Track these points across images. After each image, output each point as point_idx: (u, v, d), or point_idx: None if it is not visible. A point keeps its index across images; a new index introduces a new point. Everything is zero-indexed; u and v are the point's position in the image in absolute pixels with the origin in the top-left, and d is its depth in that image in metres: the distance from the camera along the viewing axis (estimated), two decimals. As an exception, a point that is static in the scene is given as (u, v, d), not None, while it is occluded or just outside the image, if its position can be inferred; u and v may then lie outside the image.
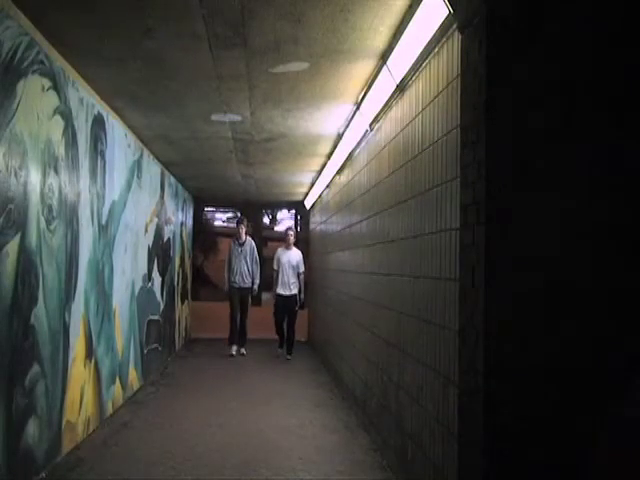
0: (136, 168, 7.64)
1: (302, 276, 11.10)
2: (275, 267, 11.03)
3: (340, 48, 4.53)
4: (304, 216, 14.55)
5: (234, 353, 10.77)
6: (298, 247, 11.68)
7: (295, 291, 10.92)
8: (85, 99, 5.45)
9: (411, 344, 4.31)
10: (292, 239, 11.19)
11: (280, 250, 11.23)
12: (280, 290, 10.85)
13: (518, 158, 2.61)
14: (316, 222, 12.32)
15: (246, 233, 11.36)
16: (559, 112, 2.63)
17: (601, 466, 2.57)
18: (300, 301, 11.08)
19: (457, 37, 3.22)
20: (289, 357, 10.59)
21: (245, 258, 11.10)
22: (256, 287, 11.30)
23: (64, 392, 5.00)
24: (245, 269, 11.07)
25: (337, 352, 8.38)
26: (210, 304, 14.14)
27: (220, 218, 25.30)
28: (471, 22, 2.80)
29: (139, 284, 7.96)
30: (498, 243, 2.60)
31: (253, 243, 11.40)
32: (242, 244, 11.16)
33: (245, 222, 11.42)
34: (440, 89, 3.70)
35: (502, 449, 2.58)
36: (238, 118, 6.65)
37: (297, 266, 10.96)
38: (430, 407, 3.81)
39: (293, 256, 11.02)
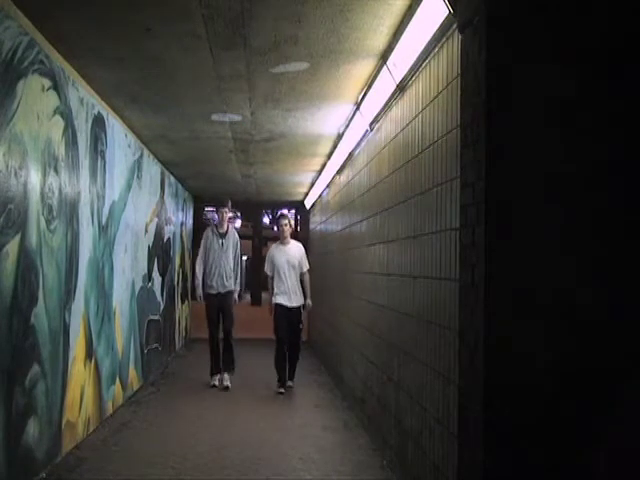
0: (136, 168, 7.64)
1: (307, 276, 8.27)
2: (269, 272, 8.23)
3: (340, 48, 4.53)
4: (304, 216, 14.54)
5: (216, 383, 8.05)
6: (297, 240, 8.99)
7: (300, 300, 8.11)
8: (85, 99, 5.45)
9: (411, 344, 4.31)
10: (288, 230, 8.33)
11: (274, 248, 8.37)
12: (280, 299, 8.05)
13: (518, 158, 2.61)
14: (316, 222, 12.32)
15: (229, 221, 8.52)
16: (560, 111, 2.62)
17: (601, 466, 2.57)
18: (304, 308, 8.24)
19: (457, 37, 3.22)
20: (291, 384, 8.03)
21: (226, 254, 8.18)
22: (236, 295, 8.35)
23: (64, 392, 4.99)
24: (227, 269, 8.16)
25: (337, 352, 8.38)
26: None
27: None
28: (471, 22, 2.80)
29: (139, 284, 7.96)
30: (498, 243, 2.60)
31: (237, 236, 8.43)
32: (223, 235, 8.23)
33: (229, 206, 8.43)
34: (440, 89, 3.70)
35: (502, 449, 2.58)
36: (238, 118, 6.65)
37: (299, 265, 8.18)
38: (430, 407, 3.81)
39: (292, 253, 8.21)
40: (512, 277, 2.59)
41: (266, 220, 17.06)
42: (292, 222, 8.66)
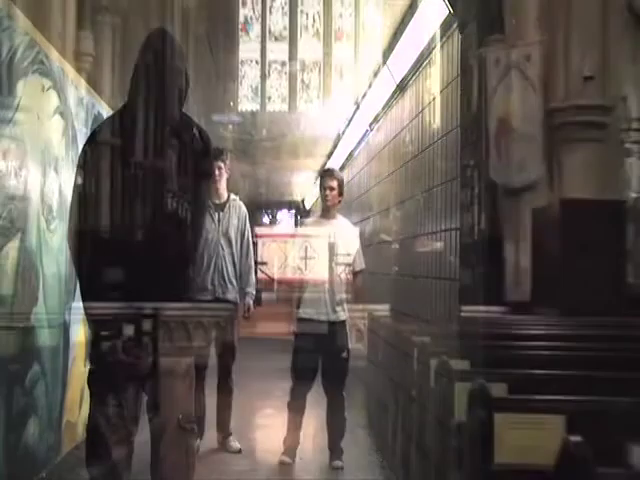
0: (136, 168, 7.62)
1: (360, 282, 4.78)
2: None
3: (340, 48, 4.53)
4: (304, 216, 14.56)
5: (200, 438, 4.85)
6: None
7: (343, 315, 4.74)
8: (85, 99, 5.44)
9: (410, 344, 4.31)
10: (336, 197, 4.64)
11: (310, 224, 5.22)
12: (308, 311, 4.73)
13: (518, 158, 2.61)
14: (316, 222, 12.32)
15: (228, 183, 5.23)
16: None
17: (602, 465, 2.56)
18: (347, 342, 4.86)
19: (457, 37, 3.22)
20: (340, 463, 4.88)
21: (227, 237, 4.95)
22: (251, 301, 5.07)
23: (64, 392, 4.98)
24: (228, 261, 4.91)
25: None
26: (210, 304, 14.03)
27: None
28: (471, 22, 2.80)
29: (139, 284, 7.92)
30: (498, 243, 2.60)
31: (243, 207, 5.23)
32: (221, 207, 5.05)
33: (227, 159, 5.22)
34: (440, 89, 3.70)
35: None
36: (238, 118, 6.65)
37: (351, 257, 4.64)
38: (430, 407, 3.80)
39: (341, 234, 4.71)
40: (512, 277, 2.59)
41: (266, 220, 17.10)
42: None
